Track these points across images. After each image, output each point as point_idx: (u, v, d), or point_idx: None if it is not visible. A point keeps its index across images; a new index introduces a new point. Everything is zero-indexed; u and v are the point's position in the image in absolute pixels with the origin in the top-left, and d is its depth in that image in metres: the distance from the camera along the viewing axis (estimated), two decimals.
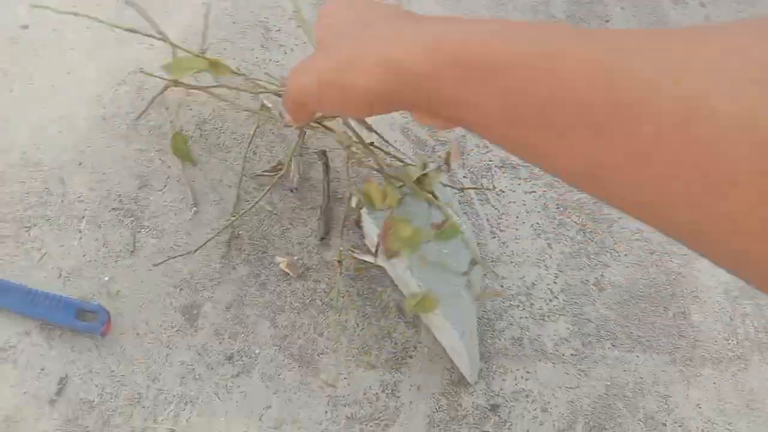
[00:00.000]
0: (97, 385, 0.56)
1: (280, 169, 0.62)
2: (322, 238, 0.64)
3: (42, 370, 0.56)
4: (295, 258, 0.63)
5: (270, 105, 0.67)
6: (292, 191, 0.65)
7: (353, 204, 0.65)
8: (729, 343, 0.66)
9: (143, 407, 0.56)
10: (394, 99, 0.35)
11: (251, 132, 0.67)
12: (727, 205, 0.20)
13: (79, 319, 0.56)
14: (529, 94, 0.27)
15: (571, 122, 0.25)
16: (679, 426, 0.60)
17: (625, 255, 0.68)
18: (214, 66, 0.59)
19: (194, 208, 0.63)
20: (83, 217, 0.61)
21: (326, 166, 0.66)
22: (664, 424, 0.60)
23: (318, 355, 0.58)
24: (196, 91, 0.64)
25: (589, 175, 0.25)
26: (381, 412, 0.57)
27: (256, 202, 0.62)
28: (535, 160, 0.29)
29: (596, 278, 0.67)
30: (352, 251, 0.64)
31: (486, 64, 0.29)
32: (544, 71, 0.26)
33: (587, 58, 0.25)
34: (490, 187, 0.71)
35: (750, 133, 0.19)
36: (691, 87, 0.21)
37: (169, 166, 0.65)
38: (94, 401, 0.55)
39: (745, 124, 0.19)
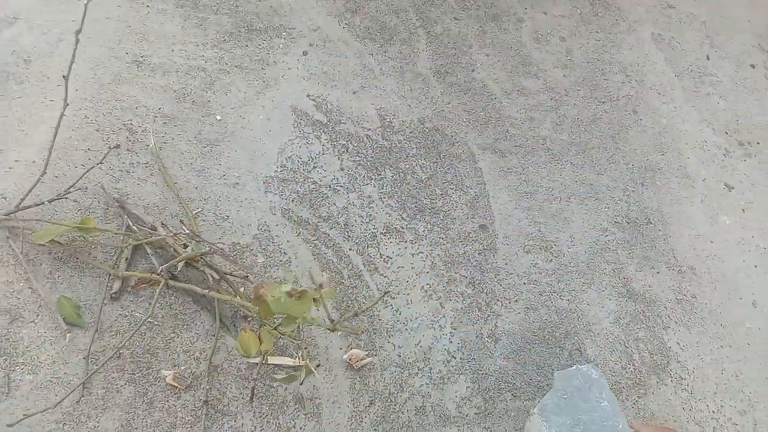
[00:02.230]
0: None
1: (151, 279, 0.61)
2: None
3: None
4: (182, 368, 0.61)
5: (135, 228, 0.66)
6: (112, 297, 0.63)
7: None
8: (626, 372, 0.67)
9: None
10: None
11: (121, 247, 0.66)
12: None
13: None
14: None
15: None
16: None
17: (516, 301, 0.69)
18: (83, 227, 0.62)
19: (68, 335, 0.61)
20: None
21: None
22: None
23: None
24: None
25: None
26: None
27: (145, 318, 0.60)
28: None
29: (490, 330, 0.67)
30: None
31: None
32: None
33: None
34: (377, 255, 0.71)
35: None
36: None
37: (39, 294, 0.62)
38: None
39: None
